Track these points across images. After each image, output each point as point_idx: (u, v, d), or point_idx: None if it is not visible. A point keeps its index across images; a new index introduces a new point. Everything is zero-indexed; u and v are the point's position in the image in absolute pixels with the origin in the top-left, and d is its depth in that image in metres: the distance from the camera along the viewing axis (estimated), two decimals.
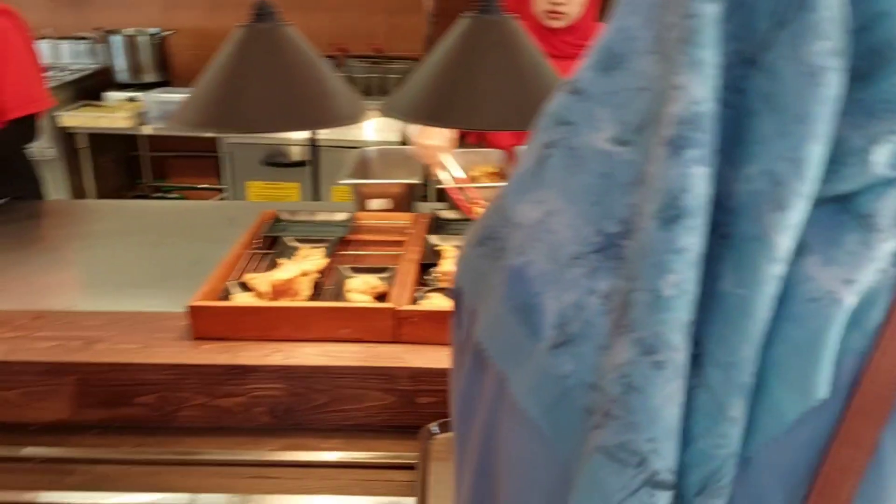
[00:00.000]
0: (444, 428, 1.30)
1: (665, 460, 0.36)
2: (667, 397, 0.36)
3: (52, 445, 1.33)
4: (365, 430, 1.35)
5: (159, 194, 4.43)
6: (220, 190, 4.27)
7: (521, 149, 2.14)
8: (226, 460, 1.30)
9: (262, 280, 1.43)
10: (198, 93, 1.26)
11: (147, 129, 3.73)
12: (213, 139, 3.77)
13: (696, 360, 0.37)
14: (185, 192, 4.39)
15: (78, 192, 3.81)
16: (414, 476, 1.22)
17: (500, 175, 2.06)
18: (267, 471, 1.30)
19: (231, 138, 3.50)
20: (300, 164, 3.52)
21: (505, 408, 0.44)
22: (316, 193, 3.62)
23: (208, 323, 1.39)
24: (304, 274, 1.43)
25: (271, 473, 1.29)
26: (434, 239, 1.65)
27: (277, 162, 3.56)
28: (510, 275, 0.44)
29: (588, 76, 0.42)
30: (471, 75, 1.23)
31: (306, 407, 1.35)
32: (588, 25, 2.02)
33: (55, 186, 3.60)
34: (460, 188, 1.86)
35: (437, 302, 1.41)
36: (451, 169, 1.88)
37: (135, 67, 3.93)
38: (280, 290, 1.43)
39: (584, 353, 0.40)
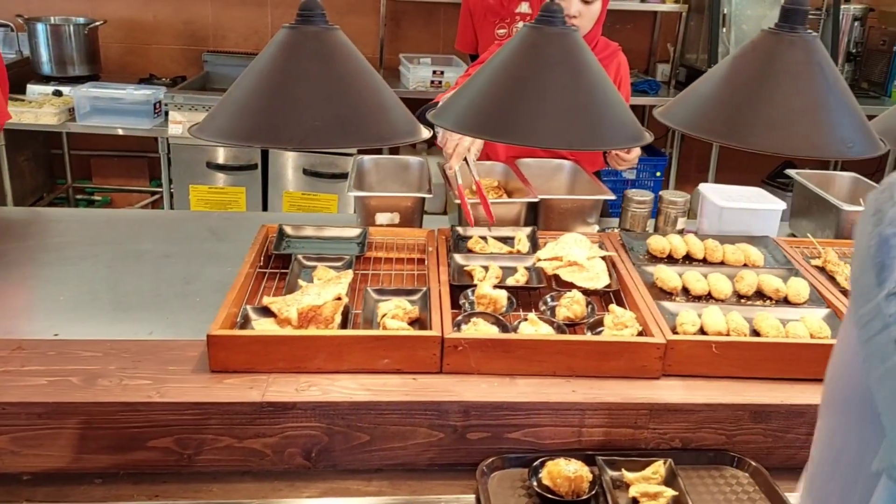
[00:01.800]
0: (498, 465, 1.21)
1: None
2: None
3: (52, 500, 1.15)
4: (411, 470, 1.25)
5: (83, 196, 4.10)
6: (152, 193, 4.01)
7: (523, 161, 2.07)
8: None
9: (289, 305, 1.30)
10: (236, 100, 1.12)
11: (76, 127, 3.44)
12: (149, 138, 3.51)
13: None
14: (113, 195, 4.08)
15: None
16: None
17: (501, 189, 1.99)
18: None
19: (176, 139, 3.26)
20: (251, 167, 3.33)
21: (850, 335, 0.58)
22: (265, 200, 3.43)
23: (230, 354, 1.25)
24: (338, 298, 1.30)
25: None
26: (459, 258, 1.56)
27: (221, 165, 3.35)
28: (881, 240, 0.56)
29: None
30: (536, 90, 1.15)
31: (346, 447, 1.23)
32: (596, 41, 1.99)
33: None
34: (471, 194, 1.75)
35: (484, 329, 1.31)
36: (463, 173, 1.76)
37: (60, 59, 3.61)
38: (308, 317, 1.30)
39: None
